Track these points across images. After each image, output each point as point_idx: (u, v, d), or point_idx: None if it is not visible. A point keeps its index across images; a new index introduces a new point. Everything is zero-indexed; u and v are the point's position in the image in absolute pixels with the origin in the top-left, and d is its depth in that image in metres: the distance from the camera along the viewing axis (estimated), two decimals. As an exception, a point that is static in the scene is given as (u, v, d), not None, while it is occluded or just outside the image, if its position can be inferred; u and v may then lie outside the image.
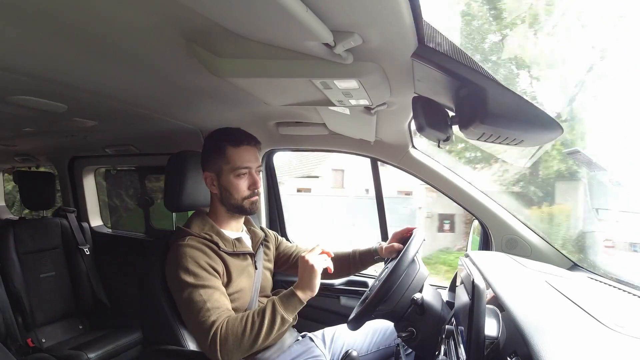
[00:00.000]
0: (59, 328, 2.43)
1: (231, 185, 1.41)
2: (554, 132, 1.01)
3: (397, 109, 1.42)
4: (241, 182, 1.41)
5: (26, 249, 2.38)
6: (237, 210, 1.44)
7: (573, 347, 0.69)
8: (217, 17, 0.83)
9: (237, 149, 1.41)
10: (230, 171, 1.40)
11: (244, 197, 1.42)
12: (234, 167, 1.40)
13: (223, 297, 1.30)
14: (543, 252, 1.70)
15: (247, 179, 1.42)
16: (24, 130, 2.02)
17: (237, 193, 1.41)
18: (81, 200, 3.00)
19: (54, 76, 1.20)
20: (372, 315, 1.30)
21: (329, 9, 0.74)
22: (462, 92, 1.00)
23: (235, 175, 1.40)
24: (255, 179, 1.43)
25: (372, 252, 1.61)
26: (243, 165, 1.40)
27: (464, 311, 0.99)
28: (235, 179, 1.40)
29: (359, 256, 1.64)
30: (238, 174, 1.40)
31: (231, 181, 1.41)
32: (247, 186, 1.42)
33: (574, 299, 0.93)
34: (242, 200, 1.42)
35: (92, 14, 0.84)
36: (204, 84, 1.34)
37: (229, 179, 1.41)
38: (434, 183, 1.87)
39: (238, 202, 1.42)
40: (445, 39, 0.96)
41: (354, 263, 1.64)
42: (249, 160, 1.42)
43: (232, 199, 1.42)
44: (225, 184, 1.42)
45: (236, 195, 1.41)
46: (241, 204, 1.42)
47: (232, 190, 1.41)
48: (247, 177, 1.42)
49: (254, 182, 1.43)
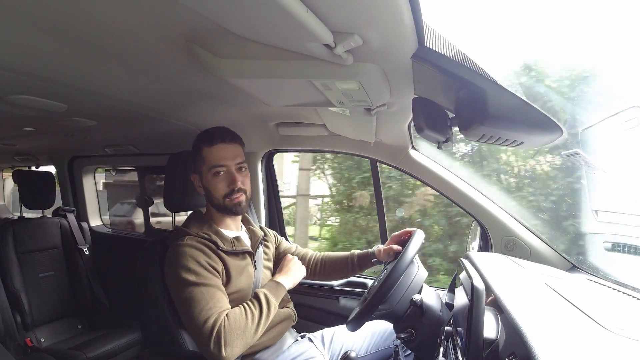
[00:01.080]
0: (58, 328, 2.43)
1: (210, 184, 1.41)
2: (554, 134, 1.01)
3: (397, 110, 1.42)
4: (218, 181, 1.40)
5: (25, 248, 2.38)
6: (222, 210, 1.44)
7: (572, 349, 0.69)
8: (217, 18, 0.83)
9: (211, 148, 1.40)
10: (207, 171, 1.40)
11: (223, 195, 1.41)
12: (209, 167, 1.40)
13: (223, 296, 1.30)
14: (542, 254, 1.70)
15: (225, 177, 1.41)
16: (23, 130, 2.02)
17: (215, 192, 1.41)
18: (80, 200, 3.00)
19: (54, 76, 1.20)
20: (372, 316, 1.30)
21: (329, 10, 0.75)
22: (462, 94, 1.00)
23: (212, 175, 1.40)
24: (234, 176, 1.41)
25: (369, 255, 1.61)
26: (217, 164, 1.39)
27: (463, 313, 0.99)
28: (212, 178, 1.40)
29: (357, 259, 1.64)
30: (214, 173, 1.40)
31: (209, 181, 1.41)
32: (226, 184, 1.40)
33: (573, 301, 0.93)
34: (222, 200, 1.41)
35: (92, 14, 0.84)
36: (204, 84, 1.34)
37: (208, 179, 1.41)
38: (434, 184, 1.87)
39: (219, 202, 1.41)
40: (445, 40, 0.96)
41: (352, 266, 1.64)
42: (223, 158, 1.40)
43: (213, 198, 1.42)
44: (206, 185, 1.43)
45: (216, 195, 1.41)
46: (223, 204, 1.41)
47: (212, 190, 1.41)
48: (224, 176, 1.41)
49: (232, 180, 1.40)
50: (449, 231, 3.67)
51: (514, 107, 0.95)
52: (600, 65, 2.27)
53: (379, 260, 1.58)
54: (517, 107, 0.95)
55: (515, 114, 0.96)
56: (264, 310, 1.28)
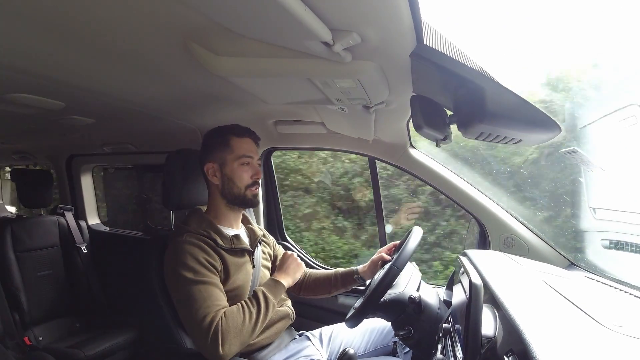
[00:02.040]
0: (56, 326, 2.42)
1: (235, 173, 1.44)
2: (552, 132, 1.01)
3: (395, 108, 1.42)
4: (244, 170, 1.45)
5: (23, 247, 2.37)
6: (239, 200, 1.46)
7: (570, 346, 0.70)
8: (216, 16, 0.83)
9: (241, 139, 1.47)
10: (235, 160, 1.44)
11: (246, 185, 1.45)
12: (238, 156, 1.44)
13: (221, 294, 1.30)
14: (540, 251, 1.71)
15: (251, 169, 1.47)
16: (21, 128, 2.01)
17: (240, 181, 1.45)
18: (79, 198, 2.99)
19: (52, 74, 1.20)
20: (370, 313, 1.31)
21: (327, 8, 0.74)
22: (461, 92, 1.00)
23: (239, 164, 1.45)
24: (257, 169, 1.49)
25: (353, 272, 1.64)
26: (247, 154, 1.45)
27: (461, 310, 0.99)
28: (239, 167, 1.45)
29: (340, 276, 1.66)
30: (242, 162, 1.45)
31: (235, 169, 1.44)
32: (250, 175, 1.46)
33: (571, 298, 0.94)
34: (244, 189, 1.45)
35: (90, 12, 0.84)
36: (202, 82, 1.33)
37: (233, 168, 1.44)
38: (432, 182, 1.87)
39: (241, 192, 1.45)
40: (444, 38, 0.96)
41: (335, 283, 1.66)
42: (251, 150, 1.48)
43: (235, 187, 1.45)
44: (229, 173, 1.45)
45: (239, 184, 1.45)
46: (244, 194, 1.45)
47: (236, 179, 1.44)
48: (250, 167, 1.47)
49: (256, 172, 1.48)
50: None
51: (512, 105, 0.95)
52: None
53: (361, 277, 1.61)
54: (516, 105, 0.96)
55: (514, 112, 0.96)
56: (262, 308, 1.29)
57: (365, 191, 3.39)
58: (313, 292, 1.71)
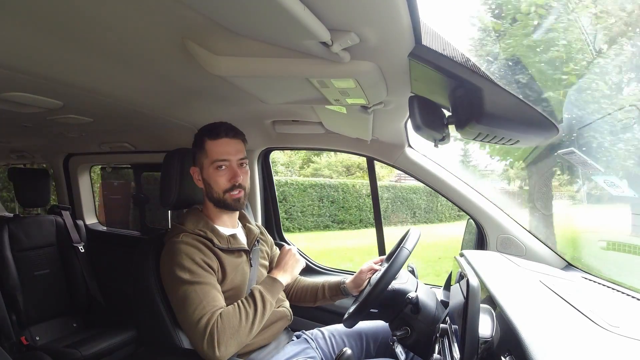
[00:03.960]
0: (53, 326, 2.42)
1: (211, 178, 1.41)
2: (550, 133, 1.02)
3: (393, 108, 1.43)
4: (220, 175, 1.40)
5: (20, 246, 2.37)
6: (221, 205, 1.44)
7: (566, 347, 0.70)
8: (214, 15, 0.83)
9: (215, 142, 1.41)
10: (210, 164, 1.41)
11: (224, 190, 1.41)
12: (212, 160, 1.40)
13: (217, 294, 1.29)
14: (537, 252, 1.71)
15: (227, 172, 1.41)
16: (19, 127, 2.01)
17: (216, 186, 1.41)
18: (76, 197, 2.99)
19: (50, 73, 1.19)
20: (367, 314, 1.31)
21: (326, 8, 0.74)
22: (459, 92, 1.00)
23: (214, 168, 1.40)
24: (235, 171, 1.41)
25: (339, 282, 1.63)
26: (220, 158, 1.40)
27: (458, 310, 1.00)
28: (214, 171, 1.40)
29: (327, 287, 1.65)
30: (216, 167, 1.40)
31: (210, 174, 1.41)
32: (228, 179, 1.41)
33: (567, 299, 0.94)
34: (222, 194, 1.41)
35: (88, 11, 0.84)
36: (200, 82, 1.33)
37: (209, 172, 1.41)
38: (430, 182, 1.87)
39: (220, 196, 1.42)
40: (442, 38, 0.96)
41: (322, 294, 1.65)
42: (227, 152, 1.41)
43: (213, 192, 1.42)
44: (206, 178, 1.43)
45: (216, 189, 1.41)
46: (222, 198, 1.42)
47: (212, 184, 1.41)
48: (226, 170, 1.41)
49: (233, 175, 1.41)
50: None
51: (510, 106, 0.96)
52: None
53: (346, 288, 1.60)
54: (513, 105, 0.96)
55: (512, 113, 0.96)
56: (259, 308, 1.27)
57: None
58: (299, 300, 1.70)
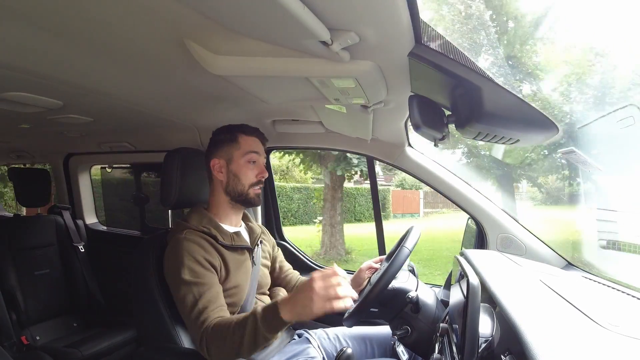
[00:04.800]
0: (54, 325, 2.42)
1: (241, 170, 1.45)
2: (549, 132, 1.02)
3: (393, 108, 1.42)
4: (250, 168, 1.46)
5: (20, 246, 2.37)
6: (242, 198, 1.46)
7: (567, 346, 0.70)
8: (214, 15, 0.83)
9: (250, 138, 1.48)
10: (242, 156, 1.45)
11: (250, 183, 1.46)
12: (245, 152, 1.45)
13: (217, 294, 1.30)
14: (537, 251, 1.71)
15: (256, 167, 1.47)
16: (18, 127, 2.01)
17: (245, 178, 1.45)
18: (76, 197, 2.99)
19: (50, 73, 1.19)
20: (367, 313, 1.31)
21: (326, 7, 0.74)
22: (459, 91, 1.00)
23: (246, 161, 1.45)
24: (263, 168, 1.49)
25: None
26: (254, 150, 1.46)
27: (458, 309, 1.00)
28: (245, 164, 1.45)
29: None
30: (249, 160, 1.45)
31: (241, 166, 1.45)
32: (256, 174, 1.47)
33: (568, 298, 0.94)
34: (248, 187, 1.45)
35: (88, 10, 0.84)
36: (200, 81, 1.33)
37: (240, 164, 1.45)
38: (430, 182, 1.87)
39: (244, 190, 1.45)
40: (442, 38, 0.96)
41: None
42: (258, 148, 1.49)
43: (239, 184, 1.45)
44: (235, 170, 1.45)
45: (244, 181, 1.45)
46: (247, 192, 1.46)
47: (241, 176, 1.45)
48: (256, 166, 1.47)
49: (261, 171, 1.48)
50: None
51: (510, 105, 0.96)
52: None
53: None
54: (513, 105, 0.96)
55: (511, 112, 0.96)
56: (246, 339, 1.12)
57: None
58: None
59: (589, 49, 6.99)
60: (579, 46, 7.35)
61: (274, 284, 1.68)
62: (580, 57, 7.10)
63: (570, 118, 6.38)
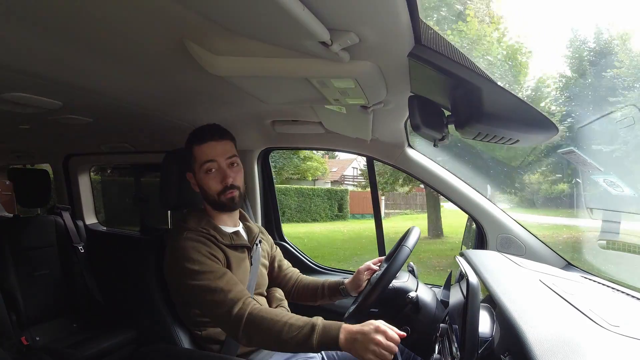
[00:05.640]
0: (53, 326, 2.41)
1: (202, 182, 1.42)
2: (549, 132, 1.02)
3: (393, 108, 1.43)
4: (210, 178, 1.41)
5: (20, 246, 2.37)
6: (218, 206, 1.44)
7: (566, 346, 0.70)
8: (214, 15, 0.83)
9: (201, 146, 1.41)
10: (199, 169, 1.41)
11: (217, 192, 1.41)
12: (200, 164, 1.41)
13: (233, 277, 1.31)
14: (537, 252, 1.71)
15: (217, 174, 1.41)
16: (18, 128, 2.00)
17: (209, 189, 1.41)
18: (76, 198, 2.99)
19: (49, 73, 1.19)
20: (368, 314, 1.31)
21: (325, 8, 0.74)
22: (458, 92, 1.00)
23: (204, 172, 1.41)
24: (225, 173, 1.41)
25: (339, 283, 1.61)
26: (207, 160, 1.40)
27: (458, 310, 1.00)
28: (204, 176, 1.41)
29: (327, 287, 1.63)
30: (205, 170, 1.40)
31: (202, 178, 1.42)
32: (219, 181, 1.41)
33: (567, 298, 0.94)
34: (217, 196, 1.41)
35: (87, 11, 0.84)
36: (200, 82, 1.33)
37: (200, 177, 1.42)
38: (430, 182, 1.88)
39: (214, 198, 1.42)
40: (442, 38, 0.96)
41: (321, 293, 1.64)
42: (214, 154, 1.40)
43: (208, 195, 1.43)
44: (199, 182, 1.43)
45: (209, 192, 1.42)
46: (217, 200, 1.42)
47: (205, 187, 1.42)
48: (216, 173, 1.41)
49: (223, 177, 1.40)
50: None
51: (510, 106, 0.96)
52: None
53: (346, 288, 1.59)
54: (513, 105, 0.96)
55: (511, 112, 0.96)
56: (295, 340, 1.14)
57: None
58: (300, 299, 1.70)
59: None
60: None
61: (273, 283, 1.68)
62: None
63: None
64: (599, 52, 9.63)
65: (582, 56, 9.87)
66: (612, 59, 8.85)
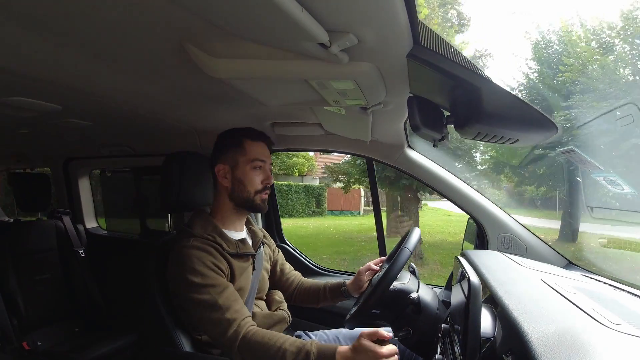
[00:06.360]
0: (55, 331, 2.40)
1: (246, 176, 1.43)
2: (549, 132, 1.02)
3: (392, 109, 1.43)
4: (256, 174, 1.44)
5: (21, 251, 2.36)
6: (247, 205, 1.45)
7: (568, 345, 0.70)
8: (213, 18, 0.83)
9: (255, 143, 1.45)
10: (247, 162, 1.43)
11: (256, 190, 1.43)
12: (250, 159, 1.43)
13: (234, 294, 1.31)
14: (538, 251, 1.71)
15: (262, 173, 1.45)
16: (18, 132, 2.01)
17: (250, 185, 1.43)
18: (76, 201, 2.98)
19: (49, 77, 1.19)
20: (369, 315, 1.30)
21: (324, 9, 0.75)
22: (458, 92, 1.00)
23: (251, 167, 1.43)
24: (269, 174, 1.47)
25: (341, 284, 1.62)
26: (260, 158, 1.44)
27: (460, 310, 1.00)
28: (251, 170, 1.43)
29: (329, 289, 1.64)
30: (254, 166, 1.43)
31: (247, 172, 1.43)
32: (262, 180, 1.44)
33: (569, 297, 0.94)
34: (254, 194, 1.43)
35: (86, 14, 0.84)
36: (199, 84, 1.33)
37: (245, 171, 1.43)
38: (430, 182, 1.88)
39: (250, 196, 1.43)
40: (440, 38, 0.97)
41: (323, 295, 1.65)
42: (265, 155, 1.46)
43: (244, 191, 1.43)
44: (240, 176, 1.43)
45: (249, 188, 1.43)
46: (253, 198, 1.43)
47: (247, 182, 1.43)
48: (262, 172, 1.45)
49: (267, 177, 1.45)
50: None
51: (509, 105, 0.96)
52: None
53: (347, 290, 1.59)
54: (512, 105, 0.96)
55: (511, 112, 0.96)
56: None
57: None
58: (301, 301, 1.70)
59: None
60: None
61: (275, 287, 1.68)
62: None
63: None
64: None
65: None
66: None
